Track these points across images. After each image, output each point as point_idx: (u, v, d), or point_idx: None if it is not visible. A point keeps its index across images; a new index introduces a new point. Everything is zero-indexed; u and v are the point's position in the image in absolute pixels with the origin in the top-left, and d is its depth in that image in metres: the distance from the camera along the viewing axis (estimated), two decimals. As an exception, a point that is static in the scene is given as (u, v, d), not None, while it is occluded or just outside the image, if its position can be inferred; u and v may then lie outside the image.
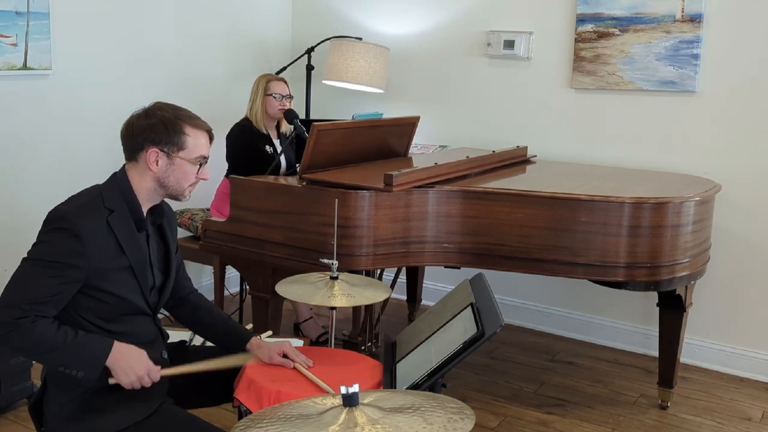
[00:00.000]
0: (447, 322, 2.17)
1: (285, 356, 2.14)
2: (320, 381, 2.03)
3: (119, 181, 2.05)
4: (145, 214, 2.08)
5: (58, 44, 3.61)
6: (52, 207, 1.98)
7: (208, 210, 4.04)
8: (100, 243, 1.94)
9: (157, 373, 2.00)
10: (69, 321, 1.94)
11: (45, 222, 1.95)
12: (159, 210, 2.14)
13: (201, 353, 2.29)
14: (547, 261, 3.05)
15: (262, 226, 3.16)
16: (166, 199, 2.15)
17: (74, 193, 2.08)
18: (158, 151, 2.02)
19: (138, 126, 2.04)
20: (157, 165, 2.03)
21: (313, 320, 3.96)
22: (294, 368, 2.12)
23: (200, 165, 2.08)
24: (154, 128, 2.02)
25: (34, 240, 1.96)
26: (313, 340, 3.90)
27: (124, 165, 2.09)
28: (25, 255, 1.93)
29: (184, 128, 2.03)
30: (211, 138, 2.12)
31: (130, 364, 1.94)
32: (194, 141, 2.05)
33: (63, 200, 2.02)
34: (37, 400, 2.06)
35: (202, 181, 2.13)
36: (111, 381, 1.94)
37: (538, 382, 3.67)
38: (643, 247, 3.01)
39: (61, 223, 1.91)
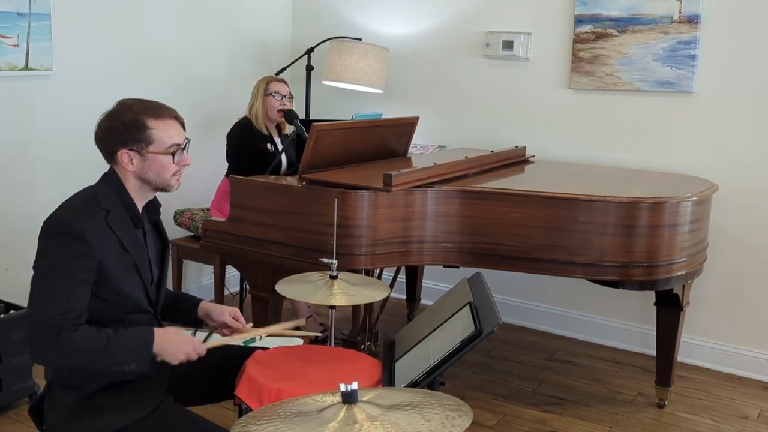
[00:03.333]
0: (445, 321, 2.18)
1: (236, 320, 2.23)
2: (248, 337, 2.13)
3: (112, 181, 2.06)
4: (140, 211, 2.10)
5: (60, 45, 3.63)
6: (53, 207, 1.99)
7: (208, 209, 4.05)
8: (104, 243, 1.95)
9: (203, 346, 2.03)
10: None
11: (45, 232, 1.94)
12: (154, 207, 2.16)
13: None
14: (545, 260, 3.07)
15: (262, 226, 3.18)
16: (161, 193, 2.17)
17: (73, 192, 2.09)
18: (128, 151, 2.03)
19: (103, 131, 2.05)
20: (132, 164, 2.04)
21: (312, 318, 3.98)
22: (244, 329, 2.21)
23: (174, 153, 2.05)
24: (117, 131, 2.02)
25: (35, 245, 1.95)
26: (312, 338, 3.92)
27: (111, 166, 2.11)
28: (36, 267, 1.92)
29: (147, 122, 2.02)
30: (181, 123, 2.10)
31: (176, 345, 1.97)
32: (161, 132, 2.04)
33: (62, 202, 2.03)
34: (38, 401, 2.08)
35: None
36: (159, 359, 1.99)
37: (536, 381, 3.69)
38: (640, 247, 3.03)
39: (63, 228, 1.91)
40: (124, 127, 2.02)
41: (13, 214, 3.54)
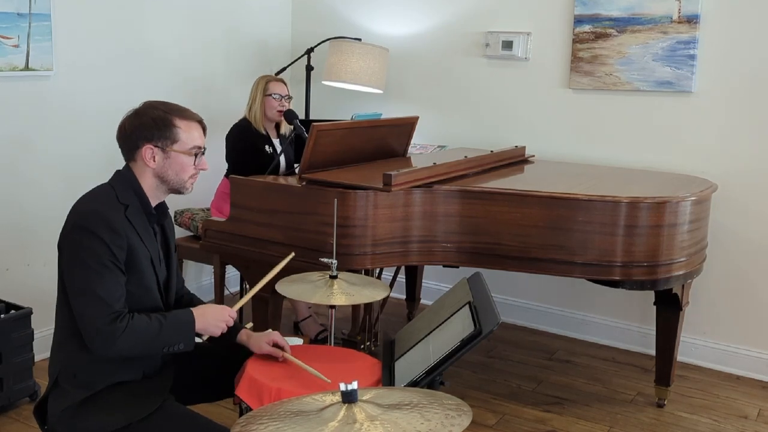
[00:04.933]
0: (445, 321, 2.19)
1: (275, 345, 2.20)
2: (312, 369, 2.07)
3: (128, 177, 2.10)
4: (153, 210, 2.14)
5: (60, 45, 3.63)
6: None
7: (208, 210, 4.06)
8: (128, 234, 2.00)
9: (233, 311, 2.16)
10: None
11: (80, 226, 1.97)
12: (163, 209, 2.19)
13: (206, 350, 2.32)
14: (544, 260, 3.07)
15: (262, 226, 3.18)
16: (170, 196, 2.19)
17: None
18: (153, 147, 2.07)
19: (130, 126, 2.09)
20: (154, 161, 2.08)
21: (312, 318, 3.99)
22: (284, 357, 2.17)
23: (196, 155, 2.12)
24: (146, 126, 2.07)
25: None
26: (312, 337, 3.93)
27: (127, 164, 2.13)
28: (80, 260, 1.95)
29: (174, 121, 2.08)
30: (203, 128, 2.16)
31: (215, 319, 2.10)
32: (186, 133, 2.10)
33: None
34: (42, 400, 2.09)
35: (202, 172, 2.17)
36: (204, 339, 2.12)
37: (535, 381, 3.69)
38: (640, 246, 3.04)
39: (95, 222, 1.96)
40: (153, 122, 2.07)
41: (14, 215, 3.54)
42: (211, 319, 2.09)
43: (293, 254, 2.46)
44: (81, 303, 1.94)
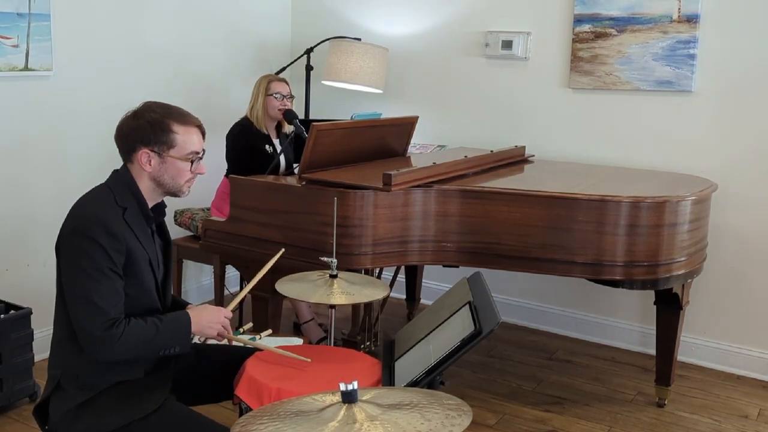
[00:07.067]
0: (445, 320, 2.19)
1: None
2: (283, 351, 2.15)
3: (125, 179, 2.09)
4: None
5: (59, 45, 3.63)
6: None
7: (208, 209, 4.05)
8: (126, 238, 2.00)
9: (228, 311, 2.17)
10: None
11: (79, 231, 1.96)
12: (160, 208, 2.19)
13: (205, 350, 2.32)
14: (544, 260, 3.07)
15: (261, 226, 3.18)
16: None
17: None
18: (149, 151, 2.06)
19: (127, 128, 2.08)
20: (150, 165, 2.07)
21: (314, 322, 3.96)
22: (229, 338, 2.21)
23: (193, 161, 2.10)
24: (143, 129, 2.05)
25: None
26: (313, 342, 3.91)
27: (125, 164, 2.13)
28: (78, 265, 1.95)
29: (172, 126, 2.06)
30: (202, 132, 2.15)
31: (210, 321, 2.11)
32: (184, 138, 2.08)
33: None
34: (43, 401, 2.09)
35: (200, 175, 2.16)
36: (201, 340, 2.15)
37: (536, 381, 3.69)
38: (640, 246, 3.04)
39: (98, 225, 1.95)
40: (150, 126, 2.05)
41: (13, 215, 3.54)
42: (206, 321, 2.10)
43: (283, 250, 2.50)
44: (77, 309, 1.94)
